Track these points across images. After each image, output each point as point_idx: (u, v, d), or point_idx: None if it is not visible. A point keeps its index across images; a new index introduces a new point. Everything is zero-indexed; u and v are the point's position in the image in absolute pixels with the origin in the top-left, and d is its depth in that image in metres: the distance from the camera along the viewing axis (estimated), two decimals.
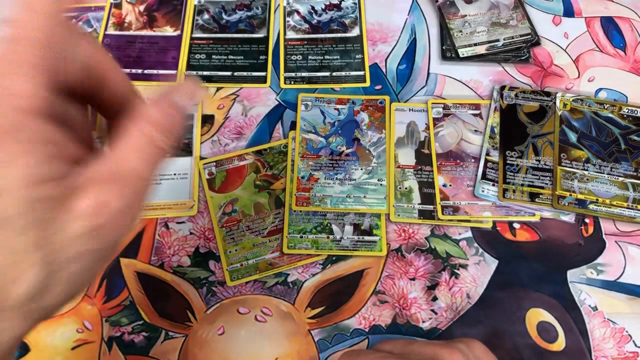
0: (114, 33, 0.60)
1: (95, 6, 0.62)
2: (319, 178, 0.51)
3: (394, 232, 0.50)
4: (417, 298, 0.48)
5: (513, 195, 0.49)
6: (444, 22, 0.59)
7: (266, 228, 0.50)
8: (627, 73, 0.57)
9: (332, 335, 0.46)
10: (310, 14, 0.61)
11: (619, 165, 0.50)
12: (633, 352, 0.45)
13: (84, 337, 0.47)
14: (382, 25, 0.60)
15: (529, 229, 0.50)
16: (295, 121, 0.55)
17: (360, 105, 0.55)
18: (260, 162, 0.53)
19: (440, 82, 0.57)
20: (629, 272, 0.48)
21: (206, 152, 0.54)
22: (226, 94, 0.57)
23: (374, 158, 0.52)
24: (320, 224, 0.50)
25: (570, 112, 0.53)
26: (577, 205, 0.49)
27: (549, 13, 0.61)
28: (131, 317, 0.47)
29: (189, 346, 0.46)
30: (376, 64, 0.58)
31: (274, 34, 0.60)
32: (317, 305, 0.47)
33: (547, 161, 0.51)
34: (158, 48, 0.59)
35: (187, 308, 0.47)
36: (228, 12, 0.61)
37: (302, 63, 0.58)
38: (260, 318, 0.47)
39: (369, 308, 0.47)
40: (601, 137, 0.52)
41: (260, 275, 0.48)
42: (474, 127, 0.54)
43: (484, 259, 0.49)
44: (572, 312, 0.46)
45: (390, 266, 0.49)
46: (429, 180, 0.51)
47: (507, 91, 0.55)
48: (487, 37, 0.58)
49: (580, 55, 0.58)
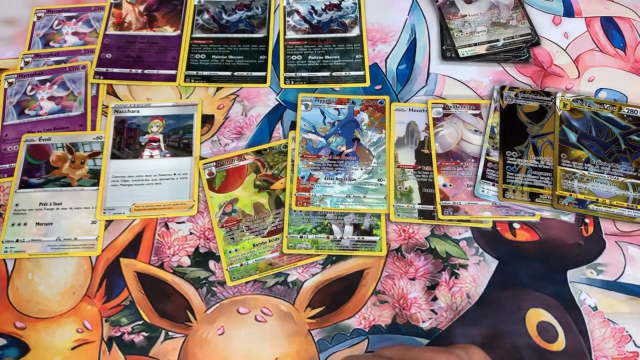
0: (114, 33, 0.60)
1: (95, 6, 0.62)
2: (319, 178, 0.51)
3: (394, 232, 0.50)
4: (417, 298, 0.48)
5: (513, 195, 0.49)
6: (444, 22, 0.59)
7: (266, 228, 0.50)
8: (627, 73, 0.57)
9: (332, 335, 0.46)
10: (310, 14, 0.61)
11: (619, 165, 0.50)
12: (633, 352, 0.45)
13: (84, 337, 0.47)
14: (382, 25, 0.60)
15: (529, 229, 0.50)
16: (295, 121, 0.55)
17: (360, 105, 0.55)
18: (260, 162, 0.53)
19: (440, 82, 0.57)
20: (628, 272, 0.48)
21: (206, 152, 0.54)
22: (226, 94, 0.57)
23: (374, 158, 0.52)
24: (320, 224, 0.50)
25: (570, 112, 0.53)
26: (577, 205, 0.49)
27: (549, 13, 0.61)
28: (131, 317, 0.47)
29: (189, 346, 0.46)
30: (376, 64, 0.58)
31: (274, 34, 0.60)
32: (317, 305, 0.47)
33: (547, 161, 0.51)
34: (158, 48, 0.59)
35: (187, 308, 0.47)
36: (228, 12, 0.61)
37: (302, 63, 0.58)
38: (260, 318, 0.47)
39: (369, 308, 0.47)
40: (601, 137, 0.52)
41: (260, 275, 0.48)
42: (474, 127, 0.54)
43: (484, 259, 0.49)
44: (572, 312, 0.46)
45: (390, 266, 0.49)
46: (429, 180, 0.51)
47: (507, 91, 0.55)
48: (487, 37, 0.58)
49: (580, 55, 0.58)
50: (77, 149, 0.54)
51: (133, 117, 0.55)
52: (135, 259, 0.49)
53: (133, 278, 0.49)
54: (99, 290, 0.48)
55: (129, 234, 0.50)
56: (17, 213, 0.51)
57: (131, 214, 0.51)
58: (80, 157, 0.54)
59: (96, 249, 0.50)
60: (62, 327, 0.47)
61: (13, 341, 0.47)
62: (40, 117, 0.56)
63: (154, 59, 0.58)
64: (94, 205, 0.51)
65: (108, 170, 0.53)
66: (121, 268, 0.49)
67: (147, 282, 0.48)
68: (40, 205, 0.51)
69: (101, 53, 0.59)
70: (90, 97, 0.57)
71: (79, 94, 0.57)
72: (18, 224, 0.51)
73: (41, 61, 0.59)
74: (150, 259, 0.49)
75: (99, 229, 0.50)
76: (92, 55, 0.59)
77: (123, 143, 0.54)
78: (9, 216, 0.51)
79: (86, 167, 0.53)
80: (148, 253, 0.50)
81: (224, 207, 0.51)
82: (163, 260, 0.49)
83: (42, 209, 0.51)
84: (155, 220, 0.51)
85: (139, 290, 0.48)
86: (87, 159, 0.54)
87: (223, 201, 0.51)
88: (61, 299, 0.48)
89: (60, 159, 0.54)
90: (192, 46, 0.59)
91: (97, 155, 0.54)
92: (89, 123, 0.56)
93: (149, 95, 0.57)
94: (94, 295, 0.48)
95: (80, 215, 0.51)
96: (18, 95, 0.57)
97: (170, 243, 0.50)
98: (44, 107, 0.56)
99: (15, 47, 0.60)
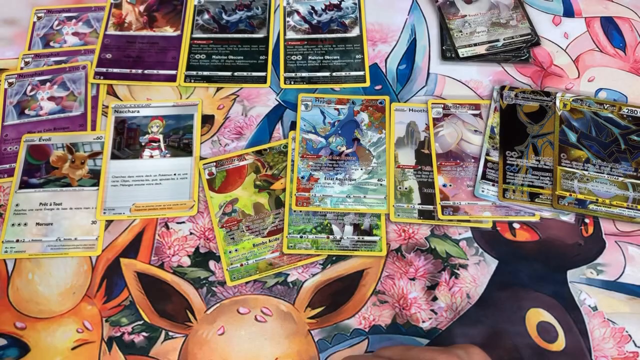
0: (114, 33, 0.60)
1: (95, 6, 0.62)
2: (319, 178, 0.51)
3: (394, 232, 0.50)
4: (417, 298, 0.48)
5: (513, 195, 0.49)
6: (444, 22, 0.59)
7: (266, 228, 0.50)
8: (627, 73, 0.57)
9: (332, 335, 0.46)
10: (310, 14, 0.61)
11: (619, 165, 0.50)
12: (633, 352, 0.45)
13: (84, 337, 0.47)
14: (382, 25, 0.60)
15: (529, 229, 0.50)
16: (295, 121, 0.55)
17: (360, 105, 0.55)
18: (260, 162, 0.53)
19: (440, 82, 0.57)
20: (628, 272, 0.48)
21: (206, 152, 0.54)
22: (226, 94, 0.57)
23: (374, 158, 0.52)
24: (320, 224, 0.50)
25: (570, 112, 0.53)
26: (577, 205, 0.49)
27: (549, 13, 0.61)
28: (131, 317, 0.47)
29: (189, 346, 0.46)
30: (376, 64, 0.58)
31: (274, 34, 0.60)
32: (317, 305, 0.47)
33: (547, 161, 0.51)
34: (158, 48, 0.59)
35: (187, 308, 0.47)
36: (228, 12, 0.61)
37: (302, 63, 0.58)
38: (260, 318, 0.47)
39: (369, 308, 0.47)
40: (601, 137, 0.52)
41: (260, 275, 0.48)
42: (474, 127, 0.54)
43: (484, 259, 0.49)
44: (572, 312, 0.46)
45: (390, 266, 0.49)
46: (429, 180, 0.51)
47: (507, 91, 0.55)
48: (487, 37, 0.58)
49: (580, 55, 0.58)
50: (77, 149, 0.54)
51: (133, 117, 0.55)
52: (135, 259, 0.49)
53: (133, 278, 0.49)
54: (99, 291, 0.48)
55: (129, 234, 0.50)
56: (17, 213, 0.51)
57: (131, 214, 0.51)
58: (80, 157, 0.54)
59: (96, 249, 0.50)
60: (62, 327, 0.47)
61: (13, 341, 0.47)
62: (40, 117, 0.56)
63: (154, 59, 0.58)
64: (94, 205, 0.51)
65: (108, 171, 0.53)
66: (121, 268, 0.49)
67: (147, 282, 0.48)
68: (41, 205, 0.51)
69: (101, 53, 0.59)
70: (90, 97, 0.57)
71: (79, 94, 0.57)
72: (18, 224, 0.51)
73: (41, 61, 0.59)
74: (150, 259, 0.49)
75: (99, 229, 0.50)
76: (92, 55, 0.59)
77: (123, 143, 0.54)
78: (9, 216, 0.51)
79: (86, 167, 0.53)
80: (148, 253, 0.50)
81: (224, 207, 0.51)
82: (163, 261, 0.49)
83: (42, 209, 0.51)
84: (155, 220, 0.51)
85: (139, 290, 0.48)
86: (87, 159, 0.54)
87: (223, 201, 0.51)
88: (61, 299, 0.48)
89: (60, 159, 0.54)
90: (192, 46, 0.59)
91: (97, 156, 0.54)
92: (89, 123, 0.56)
93: (149, 96, 0.57)
94: (94, 295, 0.48)
95: (80, 215, 0.51)
96: (18, 96, 0.57)
97: (170, 243, 0.50)
98: (44, 107, 0.57)
99: (15, 47, 0.60)
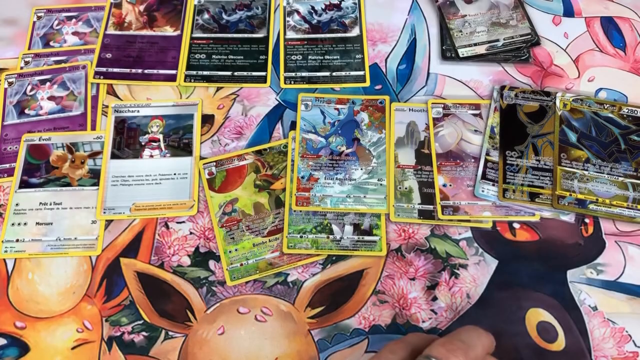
0: (114, 33, 0.60)
1: (95, 6, 0.62)
2: (319, 178, 0.51)
3: (394, 232, 0.50)
4: (417, 298, 0.48)
5: (513, 195, 0.49)
6: (444, 22, 0.59)
7: (266, 228, 0.50)
8: (627, 73, 0.57)
9: (332, 335, 0.46)
10: (310, 14, 0.61)
11: (619, 165, 0.50)
12: (633, 352, 0.45)
13: (84, 336, 0.47)
14: (382, 25, 0.60)
15: (529, 229, 0.50)
16: (295, 121, 0.55)
17: (360, 105, 0.55)
18: (260, 162, 0.53)
19: (440, 82, 0.57)
20: (628, 272, 0.48)
21: (206, 152, 0.54)
22: (226, 94, 0.57)
23: (374, 158, 0.52)
24: (320, 224, 0.50)
25: (570, 112, 0.53)
26: (577, 205, 0.49)
27: (549, 13, 0.61)
28: (131, 317, 0.47)
29: (189, 346, 0.46)
30: (376, 64, 0.58)
31: (274, 34, 0.60)
32: (317, 305, 0.47)
33: (547, 161, 0.51)
34: (158, 48, 0.59)
35: (187, 308, 0.47)
36: (228, 12, 0.61)
37: (302, 63, 0.58)
38: (260, 318, 0.47)
39: (368, 308, 0.47)
40: (601, 137, 0.52)
41: (260, 275, 0.48)
42: (474, 127, 0.54)
43: (484, 259, 0.49)
44: (572, 312, 0.46)
45: (390, 266, 0.49)
46: (429, 180, 0.51)
47: (507, 91, 0.55)
48: (487, 37, 0.58)
49: (580, 55, 0.58)
50: (77, 149, 0.54)
51: (133, 117, 0.55)
52: (135, 258, 0.49)
53: (133, 278, 0.49)
54: (99, 290, 0.48)
55: (129, 234, 0.50)
56: (17, 213, 0.51)
57: (131, 213, 0.51)
58: (80, 157, 0.54)
59: (96, 248, 0.50)
60: (62, 327, 0.47)
61: (13, 341, 0.47)
62: (40, 117, 0.56)
63: (154, 59, 0.58)
64: (94, 205, 0.51)
65: (108, 170, 0.53)
66: (121, 268, 0.49)
67: (147, 282, 0.48)
68: (41, 205, 0.51)
69: (101, 53, 0.59)
70: (90, 97, 0.57)
71: (79, 94, 0.57)
72: (18, 224, 0.51)
73: (41, 61, 0.59)
74: (150, 258, 0.49)
75: (99, 229, 0.50)
76: (92, 55, 0.59)
77: (123, 143, 0.54)
78: (9, 216, 0.51)
79: (86, 167, 0.53)
80: (148, 253, 0.50)
81: (224, 207, 0.51)
82: (163, 260, 0.49)
83: (42, 209, 0.51)
84: (155, 220, 0.51)
85: (139, 290, 0.48)
86: (87, 158, 0.54)
87: (223, 201, 0.51)
88: (61, 298, 0.48)
89: (60, 158, 0.54)
90: (192, 46, 0.59)
91: (97, 155, 0.54)
92: (89, 123, 0.56)
93: (149, 95, 0.57)
94: (94, 295, 0.48)
95: (80, 215, 0.51)
96: (18, 95, 0.57)
97: (170, 243, 0.50)
98: (44, 107, 0.57)
99: (15, 47, 0.60)
